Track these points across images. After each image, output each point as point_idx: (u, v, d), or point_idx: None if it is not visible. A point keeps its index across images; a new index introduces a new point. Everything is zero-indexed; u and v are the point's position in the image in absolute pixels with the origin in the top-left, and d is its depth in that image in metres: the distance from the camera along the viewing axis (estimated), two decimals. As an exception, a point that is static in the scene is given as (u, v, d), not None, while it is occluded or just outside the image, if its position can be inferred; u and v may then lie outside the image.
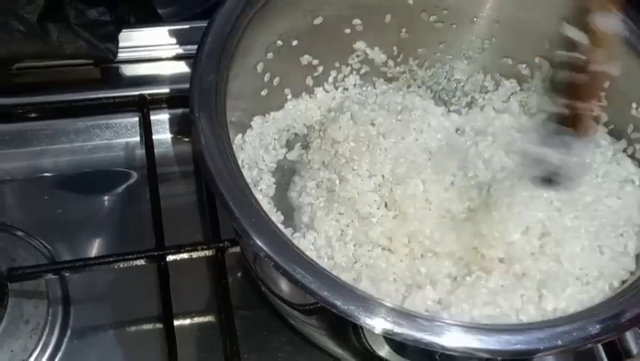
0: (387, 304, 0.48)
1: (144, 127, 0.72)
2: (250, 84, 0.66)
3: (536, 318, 0.57)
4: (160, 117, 0.76)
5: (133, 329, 0.64)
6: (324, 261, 0.62)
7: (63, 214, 0.69)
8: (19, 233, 0.67)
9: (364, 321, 0.48)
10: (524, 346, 0.48)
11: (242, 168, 0.55)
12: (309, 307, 0.55)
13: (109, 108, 0.75)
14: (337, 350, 0.61)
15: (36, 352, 0.61)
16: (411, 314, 0.49)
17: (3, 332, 0.60)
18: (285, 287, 0.56)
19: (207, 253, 0.64)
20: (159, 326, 0.63)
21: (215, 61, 0.58)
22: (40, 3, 0.69)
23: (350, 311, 0.48)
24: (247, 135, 0.67)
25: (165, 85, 0.77)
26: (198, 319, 0.65)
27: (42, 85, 0.75)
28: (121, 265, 0.62)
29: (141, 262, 0.63)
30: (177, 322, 0.62)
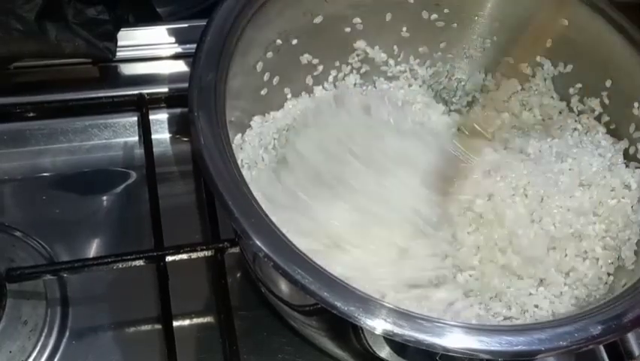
0: (387, 305, 0.48)
1: (143, 126, 0.72)
2: (249, 83, 0.65)
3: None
4: (159, 117, 0.75)
5: (132, 330, 0.64)
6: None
7: (61, 214, 0.69)
8: (17, 233, 0.66)
9: (365, 322, 0.47)
10: (526, 347, 0.48)
11: (241, 168, 0.55)
12: (309, 308, 0.55)
13: (107, 108, 0.74)
14: (337, 351, 0.61)
15: (34, 353, 0.60)
16: (411, 315, 0.48)
17: (1, 333, 0.60)
18: (285, 288, 0.55)
19: (206, 254, 0.64)
20: (158, 327, 0.63)
21: (214, 60, 0.58)
22: (38, 1, 0.68)
23: (350, 312, 0.47)
24: (246, 135, 0.66)
25: (164, 84, 0.77)
26: (197, 319, 0.65)
27: (40, 84, 0.75)
28: (120, 266, 0.61)
29: (140, 263, 0.62)
30: (176, 323, 0.62)
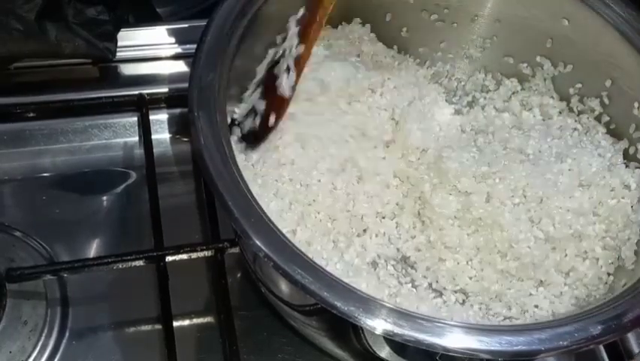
0: (387, 305, 0.48)
1: (143, 127, 0.72)
2: (250, 83, 0.65)
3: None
4: (159, 117, 0.75)
5: (132, 330, 0.64)
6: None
7: (61, 214, 0.69)
8: (17, 233, 0.66)
9: (365, 322, 0.47)
10: (526, 347, 0.48)
11: (241, 168, 0.55)
12: (309, 307, 0.55)
13: (107, 108, 0.74)
14: (337, 351, 0.61)
15: (34, 353, 0.61)
16: (411, 315, 0.48)
17: (1, 334, 0.60)
18: (285, 288, 0.55)
19: (206, 254, 0.64)
20: (158, 327, 0.63)
21: (214, 60, 0.58)
22: (38, 2, 0.68)
23: (350, 312, 0.47)
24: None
25: (164, 84, 0.77)
26: (197, 320, 0.65)
27: (40, 84, 0.75)
28: (120, 266, 0.61)
29: (140, 263, 0.62)
30: (176, 323, 0.62)
